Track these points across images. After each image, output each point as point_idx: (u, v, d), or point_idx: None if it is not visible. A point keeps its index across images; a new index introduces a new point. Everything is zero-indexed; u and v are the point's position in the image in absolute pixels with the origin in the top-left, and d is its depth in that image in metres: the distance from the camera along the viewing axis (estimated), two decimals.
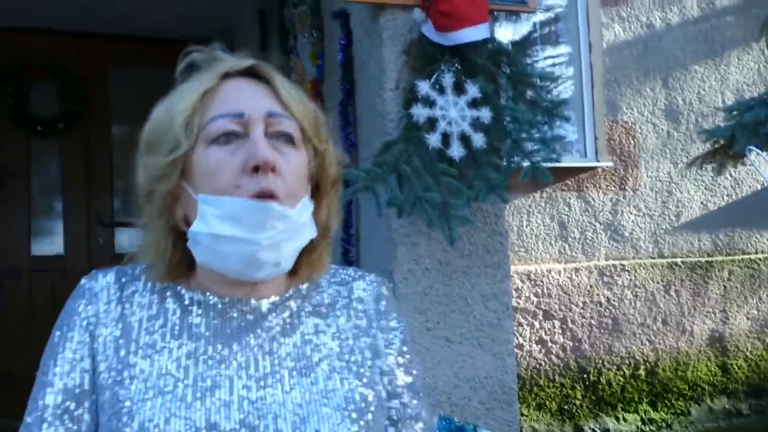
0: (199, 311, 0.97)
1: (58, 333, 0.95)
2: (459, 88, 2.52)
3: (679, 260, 4.48)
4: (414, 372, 1.06)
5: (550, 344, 4.13)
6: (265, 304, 0.99)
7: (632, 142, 4.50)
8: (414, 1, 2.63)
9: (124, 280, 0.99)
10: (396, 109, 2.64)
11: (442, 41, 2.54)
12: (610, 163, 4.41)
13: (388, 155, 2.38)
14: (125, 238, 4.66)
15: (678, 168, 4.58)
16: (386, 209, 2.38)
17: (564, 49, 4.56)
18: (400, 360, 1.04)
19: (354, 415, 0.92)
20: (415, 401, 1.05)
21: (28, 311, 4.44)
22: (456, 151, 2.45)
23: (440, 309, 2.69)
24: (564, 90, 4.50)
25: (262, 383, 0.92)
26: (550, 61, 4.59)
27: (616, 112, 4.48)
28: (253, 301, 0.98)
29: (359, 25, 2.85)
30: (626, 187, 4.47)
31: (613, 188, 4.44)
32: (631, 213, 4.47)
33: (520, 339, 4.03)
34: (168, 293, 0.98)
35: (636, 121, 4.53)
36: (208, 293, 0.98)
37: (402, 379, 1.03)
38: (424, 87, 2.47)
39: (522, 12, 2.97)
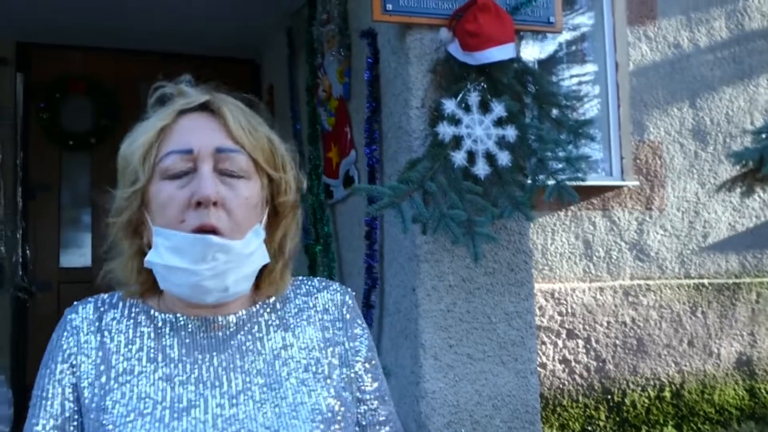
0: (171, 333, 1.02)
1: (44, 365, 1.02)
2: (485, 107, 2.54)
3: (705, 281, 4.43)
4: (380, 377, 1.12)
5: (573, 364, 4.10)
6: (233, 320, 1.04)
7: (659, 161, 4.48)
8: (441, 20, 2.66)
9: (102, 309, 1.05)
10: (422, 126, 2.66)
11: (469, 60, 2.56)
12: (636, 183, 4.39)
13: (414, 172, 2.40)
14: None
15: (705, 188, 4.55)
16: (410, 226, 2.40)
17: (590, 68, 4.57)
18: (367, 366, 1.09)
19: (322, 426, 0.97)
20: (382, 406, 1.11)
21: (57, 323, 4.50)
22: (481, 168, 2.47)
23: (463, 326, 2.69)
24: (590, 109, 4.50)
25: (234, 401, 0.96)
26: (575, 80, 4.60)
27: (642, 131, 4.46)
28: (220, 318, 1.03)
29: (386, 44, 2.89)
30: (652, 207, 4.44)
31: (638, 207, 4.42)
32: (657, 233, 4.44)
33: (543, 358, 4.01)
34: (142, 317, 1.04)
35: (663, 141, 4.51)
36: (178, 314, 1.03)
37: (369, 384, 1.09)
38: (450, 105, 2.49)
39: (548, 32, 2.98)
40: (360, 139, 3.11)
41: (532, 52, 4.38)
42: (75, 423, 0.98)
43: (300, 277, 1.14)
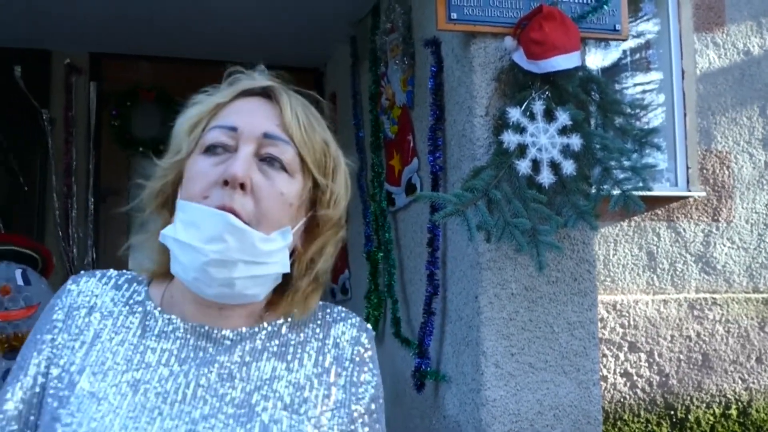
0: (159, 334, 0.93)
1: (34, 331, 0.96)
2: (549, 115, 2.54)
3: None
4: (377, 426, 0.97)
5: (635, 377, 4.02)
6: (229, 335, 0.94)
7: (727, 172, 4.37)
8: (505, 29, 2.66)
9: (104, 287, 0.98)
10: (485, 135, 2.67)
11: (533, 69, 2.56)
12: (703, 193, 4.29)
13: (478, 180, 2.41)
14: None
15: None
16: (475, 233, 2.40)
17: (655, 75, 4.49)
18: (366, 418, 0.95)
19: None
20: None
21: None
22: (546, 177, 2.46)
23: (525, 335, 2.68)
24: (654, 117, 4.43)
25: (192, 426, 0.86)
26: (640, 88, 4.53)
27: (709, 140, 4.36)
28: (215, 332, 0.93)
29: (450, 53, 2.91)
30: (719, 219, 4.33)
31: (705, 219, 4.32)
32: (724, 245, 4.32)
33: (605, 371, 3.95)
34: (137, 309, 0.96)
35: (731, 151, 4.40)
36: (173, 316, 0.94)
37: None
38: (514, 114, 2.49)
39: (614, 40, 2.95)
40: (423, 147, 3.13)
41: (595, 59, 4.33)
42: (40, 398, 0.91)
43: (320, 303, 1.01)
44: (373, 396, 0.97)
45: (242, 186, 0.87)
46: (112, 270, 1.01)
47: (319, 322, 1.00)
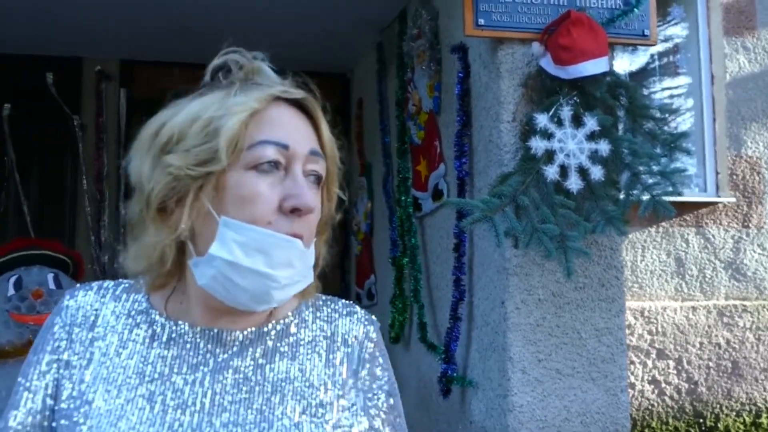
0: (167, 343, 0.91)
1: (33, 351, 0.93)
2: (577, 121, 2.53)
3: None
4: (401, 425, 0.97)
5: (664, 385, 3.98)
6: (239, 337, 0.92)
7: (757, 177, 4.32)
8: (533, 35, 2.66)
9: (103, 299, 0.95)
10: (512, 140, 2.67)
11: (561, 74, 2.56)
12: (733, 199, 4.24)
13: (506, 186, 2.41)
14: None
15: None
16: (502, 239, 2.40)
17: (683, 80, 4.45)
18: (384, 416, 0.95)
19: None
20: None
21: None
22: (574, 183, 2.45)
23: (552, 341, 2.67)
24: (682, 122, 4.39)
25: None
26: (667, 93, 4.49)
27: (739, 146, 4.31)
28: (225, 334, 0.92)
29: (477, 59, 2.91)
30: (750, 225, 4.28)
31: (735, 225, 4.27)
32: (754, 251, 4.27)
33: (632, 378, 3.91)
34: (141, 318, 0.94)
35: (762, 156, 4.34)
36: (180, 321, 0.92)
37: None
38: (542, 119, 2.49)
39: (643, 45, 2.94)
40: (449, 152, 3.14)
41: (622, 64, 4.31)
42: (51, 420, 0.89)
43: (324, 297, 1.01)
44: (388, 392, 0.96)
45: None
46: (108, 281, 0.98)
47: (325, 318, 0.98)
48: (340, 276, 4.91)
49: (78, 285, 0.98)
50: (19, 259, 3.22)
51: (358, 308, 1.01)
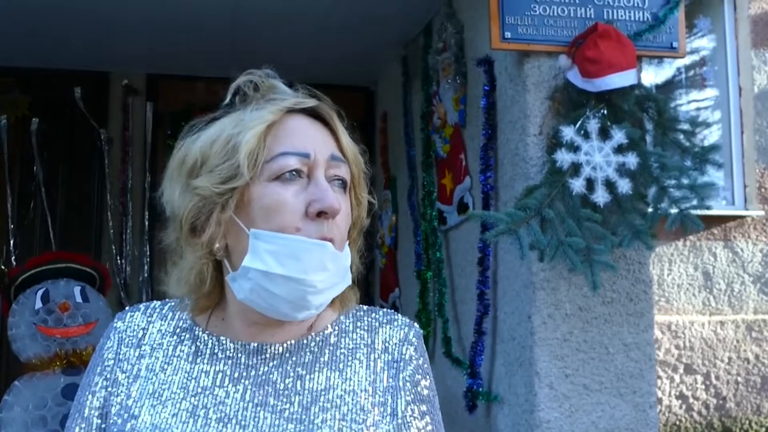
0: (210, 358, 0.94)
1: (87, 373, 0.98)
2: (604, 134, 2.51)
3: None
4: (436, 425, 0.99)
5: (691, 400, 3.92)
6: (279, 349, 0.94)
7: None
8: (560, 47, 2.65)
9: (150, 318, 0.99)
10: (539, 153, 2.66)
11: (588, 87, 2.54)
12: (761, 212, 4.19)
13: (531, 199, 2.39)
14: None
15: None
16: (527, 253, 2.38)
17: (710, 92, 4.42)
18: (425, 423, 0.97)
19: None
20: None
21: None
22: (600, 196, 2.43)
23: (579, 356, 2.64)
24: (710, 135, 4.34)
25: None
26: (694, 105, 4.46)
27: None
28: (265, 347, 0.94)
29: (503, 72, 2.91)
30: None
31: (763, 239, 4.21)
32: None
33: (659, 393, 3.86)
34: (185, 336, 0.97)
35: None
36: (222, 337, 0.95)
37: None
38: (568, 132, 2.47)
39: (671, 57, 2.92)
40: (475, 165, 3.13)
41: (648, 76, 4.28)
42: None
43: (364, 307, 1.03)
44: (428, 398, 0.98)
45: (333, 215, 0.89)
46: (155, 301, 1.02)
47: (366, 327, 1.00)
48: (364, 289, 4.91)
49: (127, 308, 1.02)
50: (47, 272, 3.25)
51: (398, 315, 1.03)
